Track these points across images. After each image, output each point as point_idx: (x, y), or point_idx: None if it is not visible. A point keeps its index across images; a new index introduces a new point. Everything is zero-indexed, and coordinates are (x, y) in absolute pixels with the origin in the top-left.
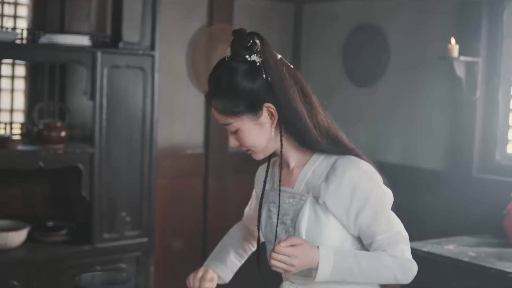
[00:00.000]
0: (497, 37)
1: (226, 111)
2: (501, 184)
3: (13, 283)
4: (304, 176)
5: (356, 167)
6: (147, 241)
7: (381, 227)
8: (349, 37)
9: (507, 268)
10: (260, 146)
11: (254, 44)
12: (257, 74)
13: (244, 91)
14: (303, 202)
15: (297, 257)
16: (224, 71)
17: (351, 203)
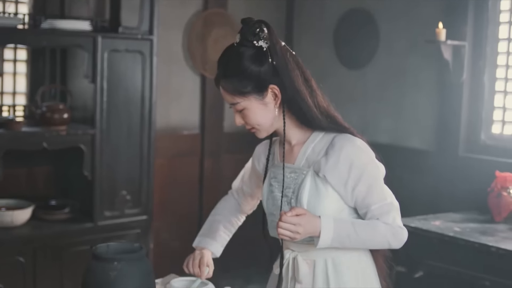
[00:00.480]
0: (483, 21)
1: (235, 91)
2: (486, 163)
3: (19, 259)
4: (305, 152)
5: (353, 144)
6: (147, 219)
7: (375, 198)
8: (340, 22)
9: (489, 242)
10: (264, 124)
11: (262, 31)
12: (264, 58)
13: (251, 73)
14: (304, 176)
15: (301, 225)
16: (234, 55)
17: (348, 177)
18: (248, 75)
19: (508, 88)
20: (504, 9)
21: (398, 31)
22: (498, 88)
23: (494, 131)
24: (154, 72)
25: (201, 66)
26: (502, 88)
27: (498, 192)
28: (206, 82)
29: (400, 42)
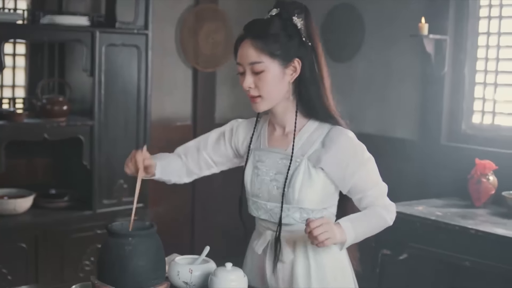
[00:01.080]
0: (463, 16)
1: (264, 50)
2: (467, 151)
3: (21, 245)
4: (299, 140)
5: (349, 136)
6: (143, 207)
7: (370, 184)
8: (328, 17)
9: (469, 225)
10: (273, 95)
11: (300, 12)
12: (297, 34)
13: (284, 41)
14: (297, 164)
15: (328, 231)
16: (271, 23)
17: (347, 167)
18: (281, 41)
19: (488, 80)
20: (483, 4)
21: (382, 25)
22: (478, 80)
23: (474, 121)
24: (149, 65)
25: (193, 60)
26: (482, 80)
27: (478, 178)
28: (198, 75)
29: (384, 36)
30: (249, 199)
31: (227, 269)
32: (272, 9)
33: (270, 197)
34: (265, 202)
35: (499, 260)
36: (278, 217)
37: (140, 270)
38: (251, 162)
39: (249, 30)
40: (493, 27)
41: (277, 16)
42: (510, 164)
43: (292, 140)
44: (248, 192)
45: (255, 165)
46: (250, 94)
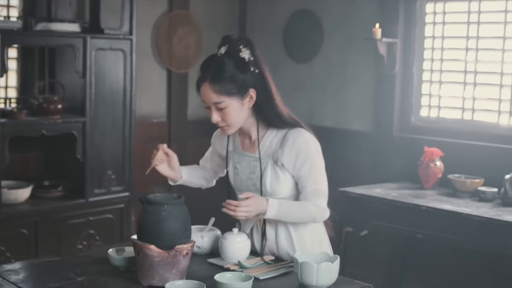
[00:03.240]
0: (412, 22)
1: (222, 92)
2: (416, 141)
3: (22, 231)
4: (264, 146)
5: (301, 136)
6: (129, 195)
7: (311, 182)
8: (289, 21)
9: (421, 203)
10: (238, 122)
11: (245, 46)
12: (247, 67)
13: (238, 79)
14: (265, 164)
15: (250, 206)
16: (223, 63)
17: (296, 162)
18: (235, 80)
19: (433, 78)
20: (429, 12)
21: (339, 29)
22: (425, 78)
23: (422, 114)
24: (134, 68)
25: (167, 61)
26: (428, 78)
27: (427, 164)
28: (171, 76)
29: (341, 39)
30: (235, 192)
31: (234, 233)
32: (221, 47)
33: (248, 191)
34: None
35: (447, 231)
36: None
37: (173, 231)
38: (232, 163)
39: (206, 74)
40: (437, 31)
41: (226, 55)
42: (454, 151)
43: (257, 146)
44: (233, 185)
45: (235, 166)
46: (219, 125)
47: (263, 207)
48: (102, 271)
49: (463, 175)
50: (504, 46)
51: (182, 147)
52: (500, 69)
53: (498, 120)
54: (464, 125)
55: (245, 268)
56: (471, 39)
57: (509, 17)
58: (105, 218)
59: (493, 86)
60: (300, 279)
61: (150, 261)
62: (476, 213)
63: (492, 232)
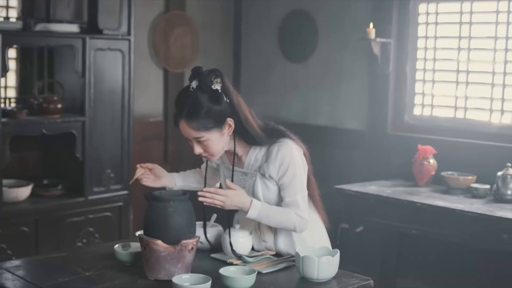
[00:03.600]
0: (405, 22)
1: (200, 128)
2: (410, 139)
3: (23, 229)
4: (250, 161)
5: (284, 147)
6: (128, 193)
7: (289, 192)
8: (284, 21)
9: (415, 200)
10: (219, 150)
11: (216, 77)
12: (221, 98)
13: (214, 112)
14: (254, 178)
15: (228, 196)
16: (196, 99)
17: (278, 172)
18: (211, 114)
19: (426, 77)
20: (422, 12)
21: (334, 29)
22: (418, 77)
23: (415, 113)
24: (132, 67)
25: (164, 61)
26: (421, 77)
27: (420, 161)
28: (168, 75)
29: (336, 39)
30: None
31: (236, 229)
32: (192, 80)
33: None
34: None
35: (441, 227)
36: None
37: (179, 226)
38: (223, 177)
39: (182, 111)
40: (430, 31)
41: (199, 89)
42: (447, 149)
43: (244, 162)
44: None
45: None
46: (203, 156)
47: (244, 205)
48: (108, 266)
49: (456, 173)
50: (496, 46)
51: (178, 146)
52: (492, 69)
53: (490, 119)
54: (456, 123)
55: (248, 262)
56: (463, 39)
57: (500, 18)
58: (104, 216)
59: (484, 85)
60: (301, 273)
61: (156, 256)
62: (469, 209)
63: (484, 227)
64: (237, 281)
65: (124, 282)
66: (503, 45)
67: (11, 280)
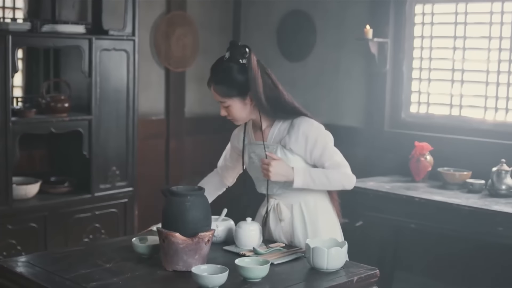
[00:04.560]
0: (401, 22)
1: (224, 94)
2: (407, 136)
3: (32, 225)
4: (273, 134)
5: (306, 122)
6: (132, 190)
7: (327, 157)
8: (282, 22)
9: (413, 194)
10: (242, 118)
11: (245, 52)
12: (245, 72)
13: (237, 82)
14: (275, 149)
15: (272, 165)
16: (225, 68)
17: (306, 145)
18: (235, 84)
19: (422, 76)
20: (418, 12)
21: (332, 29)
22: (414, 76)
23: (412, 110)
24: (136, 67)
25: (165, 61)
26: (418, 76)
27: (417, 158)
28: (169, 75)
29: (334, 38)
30: (254, 180)
31: (247, 222)
32: (228, 51)
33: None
34: (263, 181)
35: (438, 221)
36: (275, 190)
37: (196, 220)
38: (247, 154)
39: (212, 77)
40: (426, 31)
41: (230, 60)
42: (443, 145)
43: (267, 135)
44: (251, 175)
45: (250, 156)
46: (228, 118)
47: (288, 173)
48: (126, 258)
49: (452, 168)
50: (490, 45)
51: (180, 143)
52: (486, 67)
53: (484, 116)
54: (452, 120)
55: (260, 254)
56: (458, 39)
57: (494, 18)
58: (110, 212)
59: (479, 83)
60: (312, 263)
61: (175, 248)
62: (466, 204)
63: (481, 221)
64: (252, 271)
65: (144, 273)
66: (497, 45)
67: (33, 272)
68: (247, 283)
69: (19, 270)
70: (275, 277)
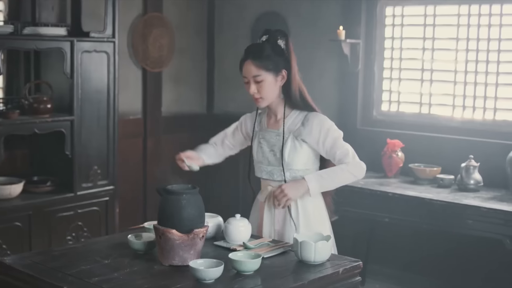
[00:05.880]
0: (373, 24)
1: (262, 66)
2: (378, 134)
3: (17, 224)
4: (287, 123)
5: (320, 117)
6: (114, 188)
7: (338, 147)
8: (256, 22)
9: (387, 190)
10: (269, 96)
11: (282, 36)
12: (282, 52)
13: (275, 59)
14: (286, 138)
15: (285, 190)
16: (265, 47)
17: (319, 137)
18: (271, 59)
19: (393, 75)
20: (388, 14)
21: (305, 30)
22: (385, 75)
23: (383, 109)
24: (117, 68)
25: (143, 61)
26: (388, 75)
27: (389, 154)
28: (147, 75)
29: (307, 39)
30: (255, 165)
31: (237, 219)
32: (262, 35)
33: (269, 162)
34: (266, 166)
35: (411, 215)
36: (275, 176)
37: (191, 217)
38: (257, 139)
39: (249, 53)
40: (396, 32)
41: (267, 41)
42: (414, 142)
43: (282, 123)
44: (255, 159)
45: (259, 141)
46: (255, 97)
47: (303, 186)
48: (123, 254)
49: (423, 164)
50: (457, 46)
51: (157, 142)
52: (454, 67)
53: (453, 114)
54: (422, 118)
55: (249, 248)
56: (427, 40)
57: (461, 20)
58: (92, 211)
59: (447, 82)
60: (300, 256)
61: (171, 244)
62: (437, 198)
63: (451, 214)
64: (245, 264)
65: (142, 268)
66: (464, 46)
67: (36, 269)
68: (241, 276)
69: (22, 267)
70: (266, 270)
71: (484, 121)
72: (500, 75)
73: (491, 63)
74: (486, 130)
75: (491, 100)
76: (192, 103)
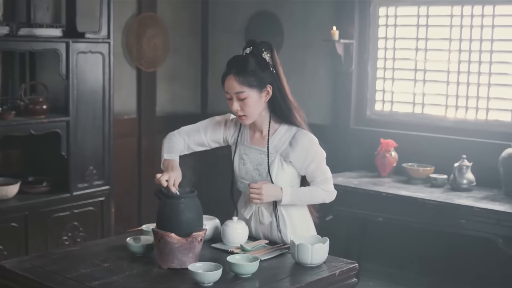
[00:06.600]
0: (366, 24)
1: (245, 83)
2: (372, 133)
3: (13, 225)
4: (273, 141)
5: (308, 138)
6: (109, 188)
7: (319, 173)
8: (250, 22)
9: (380, 189)
10: (254, 113)
11: (267, 48)
12: (267, 66)
13: (260, 74)
14: (273, 158)
15: (263, 189)
16: (248, 61)
17: (305, 160)
18: (256, 75)
19: (386, 75)
20: (382, 15)
21: (299, 30)
22: (379, 75)
23: (376, 108)
24: (112, 69)
25: (137, 61)
26: (382, 75)
27: (383, 154)
28: (141, 75)
29: (301, 39)
30: (237, 180)
31: (234, 221)
32: (246, 47)
33: (253, 180)
34: (246, 180)
35: (404, 214)
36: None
37: (190, 220)
38: (238, 154)
39: (232, 68)
40: (390, 33)
41: (250, 54)
42: (407, 142)
43: (266, 141)
44: (237, 175)
45: (241, 157)
46: (238, 114)
47: (278, 193)
48: (122, 257)
49: (416, 164)
50: (450, 46)
51: (151, 141)
52: (447, 68)
53: (446, 114)
54: (415, 118)
55: (247, 250)
56: (421, 40)
57: (454, 21)
58: (88, 211)
59: (440, 82)
60: (296, 259)
61: (170, 247)
62: (430, 198)
63: (444, 214)
64: (243, 267)
65: (141, 272)
66: (456, 46)
67: (36, 272)
68: (239, 279)
69: (22, 270)
70: (264, 273)
71: (476, 121)
72: (492, 75)
73: (483, 64)
74: (478, 130)
75: (483, 100)
76: (186, 103)
